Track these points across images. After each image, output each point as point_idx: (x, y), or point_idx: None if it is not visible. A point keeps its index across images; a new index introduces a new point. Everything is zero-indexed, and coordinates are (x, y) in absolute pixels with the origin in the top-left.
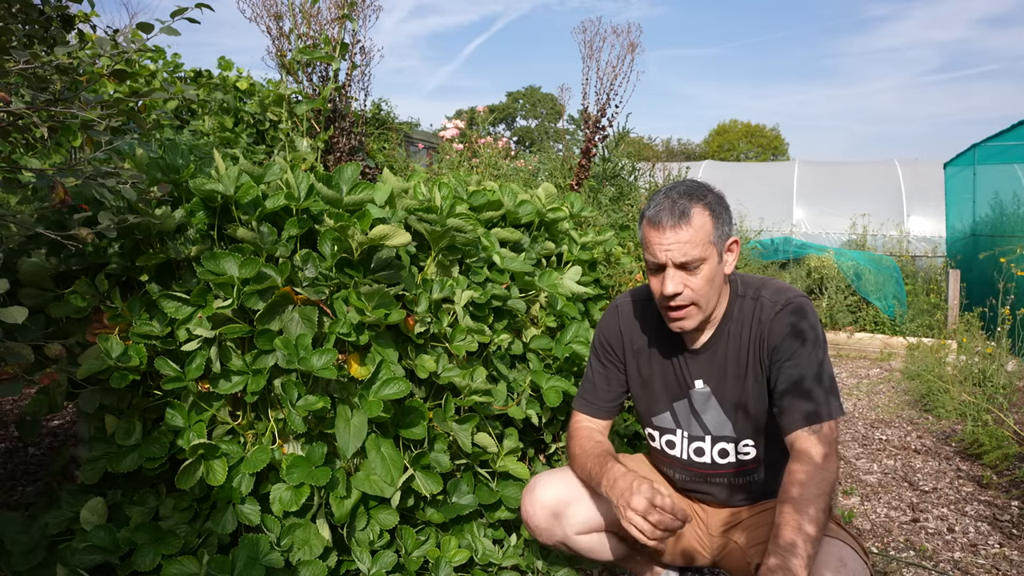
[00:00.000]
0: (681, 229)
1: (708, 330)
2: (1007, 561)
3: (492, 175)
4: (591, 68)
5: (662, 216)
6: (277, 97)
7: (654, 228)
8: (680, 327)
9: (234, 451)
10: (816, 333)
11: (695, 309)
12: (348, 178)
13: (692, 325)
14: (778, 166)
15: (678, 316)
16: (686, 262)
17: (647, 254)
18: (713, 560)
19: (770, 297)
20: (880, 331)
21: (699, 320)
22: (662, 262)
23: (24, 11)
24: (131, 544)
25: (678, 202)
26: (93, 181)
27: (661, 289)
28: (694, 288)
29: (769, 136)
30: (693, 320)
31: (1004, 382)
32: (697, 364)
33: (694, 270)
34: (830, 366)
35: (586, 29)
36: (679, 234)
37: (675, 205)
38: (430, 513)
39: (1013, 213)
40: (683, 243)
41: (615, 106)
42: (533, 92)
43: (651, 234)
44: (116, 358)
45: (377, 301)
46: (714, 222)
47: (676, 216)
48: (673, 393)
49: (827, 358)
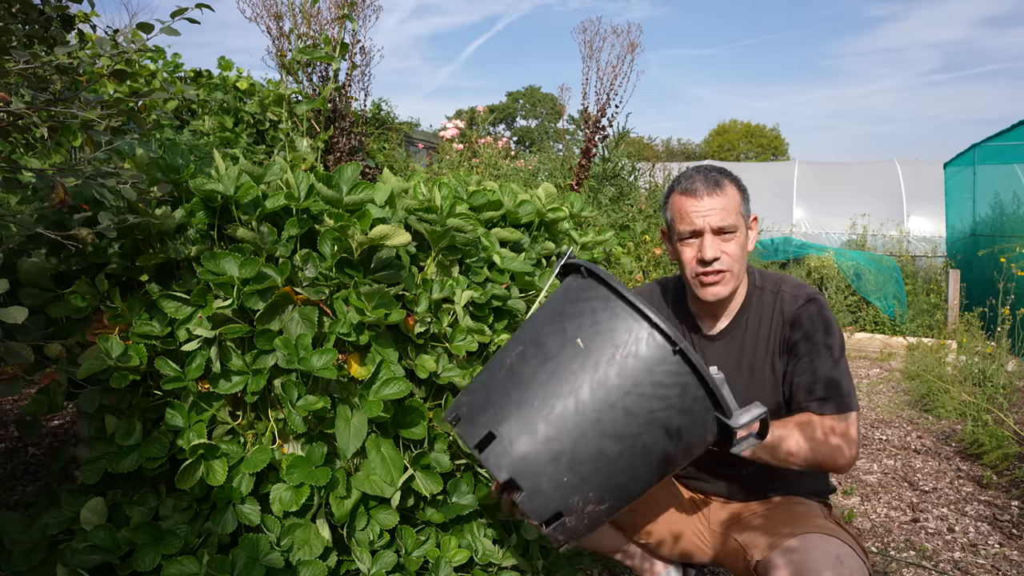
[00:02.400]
0: (717, 196)
1: (725, 318)
2: (1007, 561)
3: (492, 175)
4: (591, 68)
5: (697, 185)
6: (277, 97)
7: (690, 196)
8: (715, 293)
9: (234, 451)
10: (837, 329)
11: (729, 276)
12: (348, 178)
13: (726, 292)
14: (778, 166)
15: (713, 281)
16: (723, 227)
17: (681, 224)
18: (714, 557)
19: (791, 291)
20: (880, 331)
21: (731, 288)
22: (699, 228)
23: (24, 11)
24: (131, 544)
25: (710, 174)
26: (93, 181)
27: (699, 255)
28: (729, 254)
29: (769, 136)
30: (727, 287)
31: (1004, 382)
32: (713, 351)
33: (729, 237)
34: (847, 362)
35: (586, 29)
36: (715, 200)
37: (708, 176)
38: (430, 513)
39: (1013, 213)
40: (719, 209)
41: (615, 106)
42: (533, 92)
43: (687, 203)
44: (116, 358)
45: (377, 301)
46: (741, 196)
47: (711, 184)
48: None
49: (844, 354)
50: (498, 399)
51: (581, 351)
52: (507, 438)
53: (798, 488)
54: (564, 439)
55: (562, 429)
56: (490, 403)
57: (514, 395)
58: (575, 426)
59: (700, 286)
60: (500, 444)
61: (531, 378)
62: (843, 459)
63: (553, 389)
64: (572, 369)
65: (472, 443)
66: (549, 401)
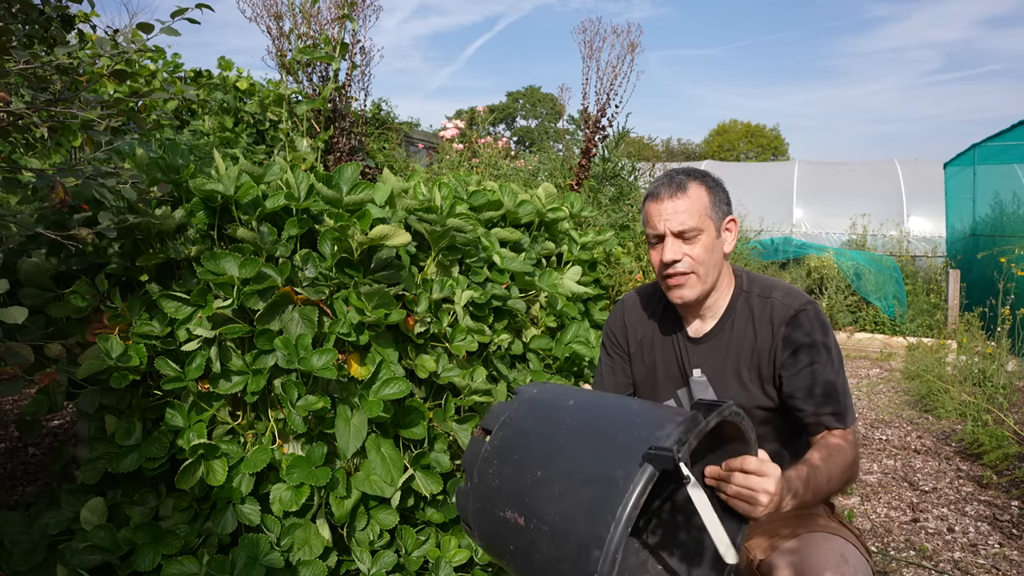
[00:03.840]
0: (678, 199)
1: (711, 320)
2: (1007, 561)
3: (492, 175)
4: (591, 68)
5: (660, 189)
6: (277, 97)
7: (653, 201)
8: (680, 296)
9: (234, 451)
10: (832, 337)
11: (695, 279)
12: (348, 178)
13: (692, 295)
14: (778, 166)
15: (677, 283)
16: (683, 231)
17: (647, 228)
18: None
19: (782, 299)
20: (880, 331)
21: (699, 292)
22: (660, 232)
23: (24, 11)
24: (131, 544)
25: (675, 177)
26: (93, 181)
27: (661, 258)
28: (693, 256)
29: (769, 136)
30: (692, 290)
31: (1004, 382)
32: (697, 353)
33: (691, 239)
34: (844, 372)
35: (586, 29)
36: (676, 204)
37: (672, 180)
38: (430, 513)
39: (1013, 213)
40: (679, 212)
41: (615, 106)
42: (533, 92)
43: (651, 207)
44: (116, 358)
45: (377, 301)
46: (711, 197)
47: (673, 188)
48: (676, 381)
49: (842, 364)
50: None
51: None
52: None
53: None
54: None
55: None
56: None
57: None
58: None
59: (667, 289)
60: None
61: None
62: (856, 469)
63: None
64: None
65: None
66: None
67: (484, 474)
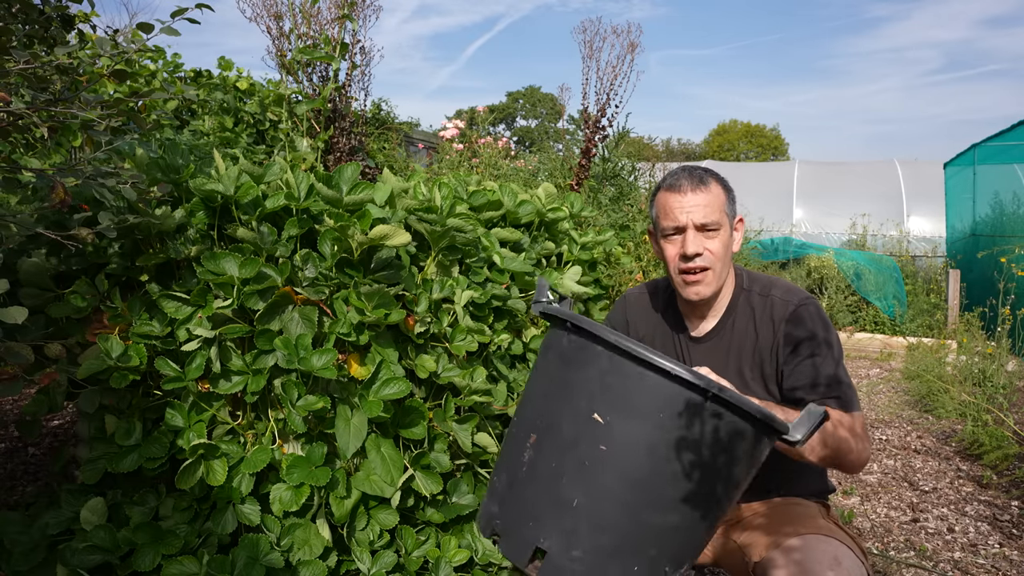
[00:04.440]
0: (701, 192)
1: (712, 319)
2: (1007, 561)
3: (492, 175)
4: (591, 68)
5: (682, 182)
6: (277, 97)
7: (674, 192)
8: (697, 292)
9: (234, 451)
10: (833, 332)
11: (711, 275)
12: (348, 178)
13: (708, 292)
14: (778, 166)
15: (695, 280)
16: (706, 223)
17: (665, 220)
18: (713, 558)
19: (782, 296)
20: (880, 331)
21: (714, 288)
22: (682, 224)
23: (24, 11)
24: (131, 544)
25: (695, 171)
26: (93, 181)
27: (681, 250)
28: (713, 251)
29: (769, 136)
30: (709, 287)
31: (1004, 382)
32: (699, 352)
33: (712, 234)
34: (846, 368)
35: (586, 29)
36: (699, 196)
37: (693, 173)
38: (430, 513)
39: (1013, 213)
40: (703, 205)
41: (615, 106)
42: (533, 92)
43: (671, 199)
44: (116, 358)
45: (377, 301)
46: (726, 195)
47: (695, 181)
48: None
49: (843, 360)
50: (532, 507)
51: (602, 428)
52: (558, 554)
53: (797, 489)
54: (617, 533)
55: (616, 527)
56: (525, 513)
57: (547, 499)
58: (629, 518)
59: (683, 285)
60: (551, 563)
61: (558, 474)
62: (866, 455)
63: (590, 486)
64: (601, 455)
65: (522, 563)
66: (592, 502)
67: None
